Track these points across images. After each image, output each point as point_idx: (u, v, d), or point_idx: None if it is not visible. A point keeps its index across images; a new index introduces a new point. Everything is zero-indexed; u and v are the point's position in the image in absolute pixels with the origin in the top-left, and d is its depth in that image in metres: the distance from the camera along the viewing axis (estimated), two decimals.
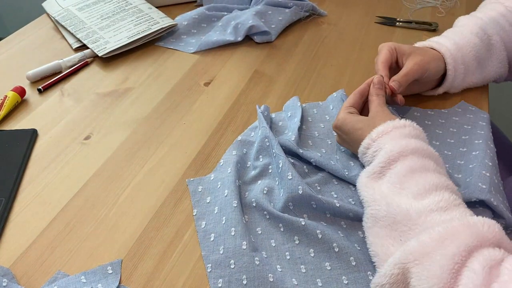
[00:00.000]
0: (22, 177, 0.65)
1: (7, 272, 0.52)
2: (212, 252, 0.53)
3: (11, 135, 0.71)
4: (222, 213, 0.57)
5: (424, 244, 0.44)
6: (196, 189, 0.62)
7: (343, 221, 0.58)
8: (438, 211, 0.48)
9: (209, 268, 0.52)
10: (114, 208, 0.60)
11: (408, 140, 0.55)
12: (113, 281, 0.52)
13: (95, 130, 0.73)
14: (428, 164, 0.53)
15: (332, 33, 0.94)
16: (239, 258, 0.51)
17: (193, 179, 0.63)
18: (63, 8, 0.99)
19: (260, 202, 0.58)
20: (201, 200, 0.60)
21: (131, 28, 0.91)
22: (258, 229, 0.56)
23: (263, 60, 0.87)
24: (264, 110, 0.71)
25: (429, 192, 0.50)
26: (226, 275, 0.51)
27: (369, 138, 0.58)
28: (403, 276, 0.45)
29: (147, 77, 0.84)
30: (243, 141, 0.67)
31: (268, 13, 0.94)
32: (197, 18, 0.96)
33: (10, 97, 0.76)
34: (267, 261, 0.52)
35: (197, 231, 0.56)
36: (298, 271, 0.52)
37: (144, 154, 0.68)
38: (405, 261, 0.44)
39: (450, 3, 1.02)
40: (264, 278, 0.50)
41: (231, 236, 0.54)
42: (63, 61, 0.85)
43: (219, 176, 0.62)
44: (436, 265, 0.42)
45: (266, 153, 0.65)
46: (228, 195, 0.58)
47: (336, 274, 0.52)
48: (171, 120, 0.74)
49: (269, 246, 0.54)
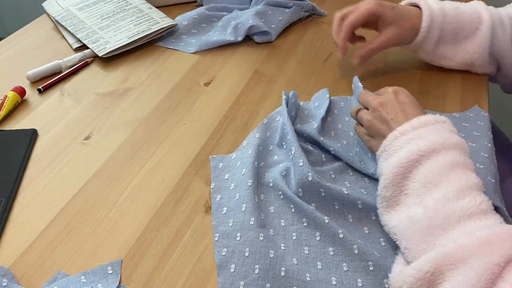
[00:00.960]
0: (22, 177, 0.65)
1: (7, 272, 0.53)
2: (222, 224, 0.57)
3: (11, 135, 0.71)
4: (237, 190, 0.60)
5: (463, 248, 0.43)
6: (217, 165, 0.65)
7: (351, 215, 0.58)
8: (479, 215, 0.46)
9: (217, 237, 0.56)
10: (114, 208, 0.60)
11: (450, 134, 0.53)
12: (113, 281, 0.52)
13: (95, 130, 0.73)
14: (469, 162, 0.52)
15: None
16: (245, 232, 0.54)
17: (216, 156, 0.67)
18: (63, 8, 0.99)
19: (277, 182, 0.61)
20: (220, 175, 0.64)
21: (131, 28, 0.91)
22: (271, 208, 0.59)
23: (263, 60, 0.87)
24: (292, 96, 0.72)
25: (471, 189, 0.48)
26: (231, 246, 0.54)
27: (409, 125, 0.55)
28: (433, 276, 0.43)
29: (147, 77, 0.84)
30: (268, 125, 0.70)
31: (268, 13, 0.94)
32: (197, 18, 0.96)
33: (10, 97, 0.76)
34: (272, 238, 0.54)
35: (212, 203, 0.60)
36: (301, 252, 0.54)
37: (144, 154, 0.68)
38: (440, 263, 0.43)
39: None
40: (265, 253, 0.52)
41: (242, 211, 0.57)
42: (63, 61, 0.85)
43: (240, 156, 0.66)
44: (473, 272, 0.41)
45: (287, 139, 0.66)
46: (245, 174, 0.61)
47: (337, 260, 0.53)
48: (171, 120, 0.74)
49: (278, 225, 0.57)
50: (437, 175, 0.50)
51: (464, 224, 0.46)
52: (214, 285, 0.52)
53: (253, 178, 0.60)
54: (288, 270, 0.51)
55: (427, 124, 0.54)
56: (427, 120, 0.54)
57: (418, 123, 0.54)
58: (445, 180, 0.49)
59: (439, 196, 0.48)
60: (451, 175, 0.49)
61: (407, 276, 0.45)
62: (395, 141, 0.54)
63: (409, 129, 0.54)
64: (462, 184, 0.48)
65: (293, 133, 0.65)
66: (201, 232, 0.57)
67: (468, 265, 0.42)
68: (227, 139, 0.70)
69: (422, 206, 0.49)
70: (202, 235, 0.57)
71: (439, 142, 0.52)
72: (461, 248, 0.43)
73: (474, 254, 0.42)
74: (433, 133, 0.53)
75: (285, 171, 0.62)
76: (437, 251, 0.44)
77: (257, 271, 0.51)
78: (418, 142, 0.52)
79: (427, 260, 0.44)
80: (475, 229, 0.44)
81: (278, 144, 0.67)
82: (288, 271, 0.51)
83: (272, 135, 0.69)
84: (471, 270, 0.41)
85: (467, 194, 0.48)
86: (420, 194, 0.50)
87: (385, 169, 0.53)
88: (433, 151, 0.51)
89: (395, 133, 0.55)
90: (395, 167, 0.52)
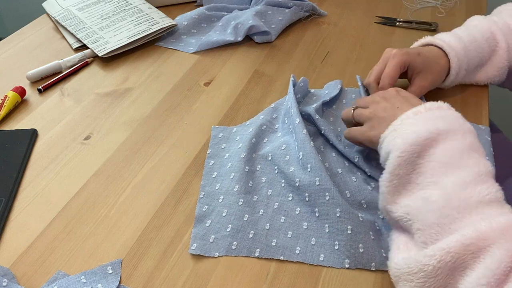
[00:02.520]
0: (22, 177, 0.65)
1: (7, 272, 0.53)
2: (209, 185, 0.62)
3: (11, 135, 0.71)
4: (230, 160, 0.65)
5: (483, 236, 0.42)
6: (217, 135, 0.70)
7: (347, 191, 0.60)
8: (495, 203, 0.46)
9: (201, 195, 0.61)
10: (114, 208, 0.60)
11: (464, 120, 0.53)
12: (113, 281, 0.52)
13: (95, 130, 0.73)
14: (483, 149, 0.51)
15: (332, 33, 0.94)
16: (228, 196, 0.60)
17: (218, 126, 0.72)
18: (63, 8, 0.99)
19: (275, 157, 0.64)
20: (217, 144, 0.69)
21: (131, 28, 0.91)
22: (264, 178, 0.63)
23: (263, 60, 0.87)
24: (301, 81, 0.74)
25: (488, 177, 0.48)
26: (212, 205, 0.60)
27: (423, 106, 0.54)
28: (454, 265, 0.43)
29: (147, 77, 0.84)
30: (275, 108, 0.73)
31: (268, 13, 0.94)
32: (197, 18, 0.96)
33: (10, 97, 0.76)
34: (253, 204, 0.59)
35: (204, 166, 0.65)
36: (277, 220, 0.58)
37: (144, 154, 0.68)
38: (463, 252, 0.43)
39: (450, 3, 1.02)
40: (240, 216, 0.58)
41: (230, 178, 0.62)
42: (63, 61, 0.85)
43: (240, 131, 0.70)
44: (494, 259, 0.41)
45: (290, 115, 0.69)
46: (240, 148, 0.66)
47: (308, 234, 0.56)
48: (171, 120, 0.74)
49: (265, 193, 0.61)
50: (456, 157, 0.49)
51: (482, 211, 0.45)
52: (214, 285, 0.52)
53: (247, 152, 0.65)
54: (257, 233, 0.56)
55: (441, 108, 0.54)
56: (441, 105, 0.54)
57: (432, 105, 0.54)
58: (464, 163, 0.48)
59: (458, 179, 0.47)
60: (470, 159, 0.49)
61: (425, 265, 0.44)
62: (407, 120, 0.53)
63: (422, 110, 0.53)
64: (481, 169, 0.48)
65: (296, 109, 0.68)
66: None
67: (489, 253, 0.42)
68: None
69: (439, 187, 0.48)
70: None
71: (456, 124, 0.51)
72: (482, 236, 0.42)
73: (495, 242, 0.42)
74: (449, 117, 0.52)
75: (285, 144, 0.65)
76: (457, 239, 0.43)
77: (228, 230, 0.56)
78: (435, 122, 0.51)
79: (448, 250, 0.43)
80: (493, 216, 0.44)
81: (282, 120, 0.70)
82: (256, 234, 0.56)
83: (279, 116, 0.72)
84: (491, 258, 0.41)
85: (485, 181, 0.47)
86: (436, 175, 0.49)
87: (401, 146, 0.51)
88: (451, 132, 0.50)
89: (409, 113, 0.54)
90: (412, 145, 0.50)
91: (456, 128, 0.51)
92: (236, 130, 0.71)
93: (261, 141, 0.68)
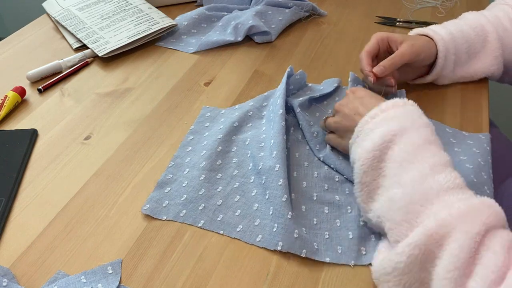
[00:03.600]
0: (22, 177, 0.65)
1: (7, 272, 0.53)
2: (180, 157, 0.66)
3: (11, 135, 0.71)
4: (207, 138, 0.69)
5: (443, 223, 0.43)
6: (204, 114, 0.74)
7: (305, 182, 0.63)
8: (455, 189, 0.47)
9: (171, 164, 0.65)
10: (114, 208, 0.60)
11: (419, 114, 0.55)
12: (113, 281, 0.52)
13: (95, 130, 0.73)
14: (439, 141, 0.53)
15: (332, 33, 0.94)
16: (192, 170, 0.64)
17: (208, 107, 0.75)
18: (63, 8, 0.99)
19: (252, 142, 0.67)
20: (202, 122, 0.72)
21: (131, 28, 0.91)
22: (234, 159, 0.66)
23: (263, 60, 0.87)
24: (298, 74, 0.75)
25: (446, 166, 0.49)
26: (177, 175, 0.63)
27: (378, 108, 0.56)
28: (423, 257, 0.44)
29: (147, 77, 0.84)
30: (267, 96, 0.75)
31: (268, 13, 0.94)
32: (197, 18, 0.96)
33: (10, 97, 0.76)
34: (214, 181, 0.63)
35: (183, 139, 0.69)
36: (232, 198, 0.61)
37: (144, 154, 0.68)
38: (428, 243, 0.43)
39: (450, 3, 1.02)
40: (197, 189, 0.61)
41: (200, 155, 0.66)
42: (63, 61, 0.85)
43: (226, 114, 0.73)
44: (457, 244, 0.42)
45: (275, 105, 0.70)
46: (221, 129, 0.69)
47: (254, 216, 0.58)
48: (171, 120, 0.74)
49: (230, 173, 0.64)
50: (412, 153, 0.50)
51: (443, 198, 0.46)
52: (214, 285, 0.52)
53: (225, 133, 0.68)
54: (206, 207, 0.59)
55: (395, 106, 0.55)
56: (396, 103, 0.56)
57: (386, 106, 0.55)
58: (420, 158, 0.50)
59: (415, 173, 0.49)
60: (425, 153, 0.50)
61: (397, 262, 0.45)
62: (366, 125, 0.55)
63: (378, 112, 0.55)
64: (436, 160, 0.49)
65: (282, 100, 0.69)
66: (201, 232, 0.57)
67: (451, 238, 0.42)
68: None
69: (401, 185, 0.49)
70: (202, 235, 0.57)
71: (409, 121, 0.53)
72: (442, 223, 0.43)
73: (456, 227, 0.43)
74: (402, 114, 0.54)
75: (264, 133, 0.67)
76: (421, 231, 0.44)
77: (182, 199, 0.60)
78: (389, 123, 0.53)
79: (415, 244, 0.44)
80: (453, 202, 0.45)
81: (268, 108, 0.72)
82: (206, 208, 0.59)
83: (269, 104, 0.74)
84: (455, 243, 0.42)
85: (442, 170, 0.48)
86: (397, 174, 0.50)
87: (362, 155, 0.54)
88: (405, 130, 0.52)
89: (366, 118, 0.56)
90: (370, 151, 0.53)
91: (409, 125, 0.52)
92: (224, 112, 0.74)
93: (244, 125, 0.71)
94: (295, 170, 0.64)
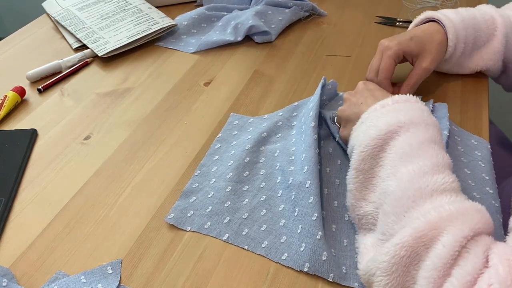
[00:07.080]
0: (22, 177, 0.65)
1: (7, 272, 0.53)
2: (207, 166, 0.65)
3: (11, 135, 0.71)
4: (234, 148, 0.67)
5: (432, 225, 0.43)
6: (232, 121, 0.73)
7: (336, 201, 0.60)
8: (450, 192, 0.46)
9: (197, 173, 0.64)
10: (114, 208, 0.60)
11: (430, 113, 0.54)
12: (113, 281, 0.52)
13: (95, 130, 0.73)
14: (443, 143, 0.52)
15: (332, 33, 0.94)
16: (219, 181, 0.63)
17: (236, 114, 0.74)
18: (63, 8, 0.99)
19: (281, 154, 0.65)
20: (230, 130, 0.71)
21: (131, 28, 0.91)
22: (262, 171, 0.64)
23: (263, 60, 0.87)
24: (330, 84, 0.73)
25: (446, 168, 0.49)
26: (203, 184, 0.63)
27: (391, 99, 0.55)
28: (409, 259, 0.43)
29: (147, 77, 0.84)
30: (298, 106, 0.73)
31: (268, 13, 0.94)
32: (197, 18, 0.96)
33: (10, 97, 0.76)
34: (240, 193, 0.61)
35: (210, 147, 0.68)
36: (258, 212, 0.59)
37: (144, 154, 0.68)
38: (416, 245, 0.43)
39: (450, 3, 1.02)
40: (223, 201, 0.60)
41: (227, 165, 0.64)
42: (63, 61, 0.85)
43: (255, 123, 0.72)
44: (440, 244, 0.41)
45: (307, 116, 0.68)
46: (249, 139, 0.68)
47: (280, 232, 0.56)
48: (171, 120, 0.74)
49: (257, 186, 0.62)
50: (415, 148, 0.50)
51: (436, 198, 0.46)
52: (214, 285, 0.52)
53: (253, 144, 0.66)
54: (232, 220, 0.58)
55: (407, 101, 0.55)
56: (408, 98, 0.55)
57: (399, 98, 0.55)
58: (422, 154, 0.49)
59: (414, 168, 0.48)
60: (429, 150, 0.49)
61: (380, 262, 0.44)
62: (373, 113, 0.55)
63: (389, 102, 0.54)
64: (439, 160, 0.49)
65: (316, 112, 0.66)
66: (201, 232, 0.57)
67: (439, 241, 0.42)
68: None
69: (396, 178, 0.49)
70: (202, 235, 0.57)
71: (419, 117, 0.52)
72: (432, 226, 0.43)
73: (444, 229, 0.42)
74: (413, 109, 0.53)
75: (294, 145, 0.65)
76: (410, 233, 0.43)
77: (208, 210, 0.59)
78: (398, 115, 0.52)
79: (402, 245, 0.43)
80: (445, 204, 0.45)
81: (299, 119, 0.70)
82: (231, 221, 0.58)
83: (299, 114, 0.72)
84: (442, 245, 0.41)
85: (442, 171, 0.48)
86: (395, 166, 0.50)
87: (364, 141, 0.53)
88: (413, 124, 0.51)
89: (376, 106, 0.55)
90: (374, 139, 0.52)
91: (419, 121, 0.52)
92: (252, 121, 0.72)
93: (273, 136, 0.69)
94: (326, 187, 0.61)
